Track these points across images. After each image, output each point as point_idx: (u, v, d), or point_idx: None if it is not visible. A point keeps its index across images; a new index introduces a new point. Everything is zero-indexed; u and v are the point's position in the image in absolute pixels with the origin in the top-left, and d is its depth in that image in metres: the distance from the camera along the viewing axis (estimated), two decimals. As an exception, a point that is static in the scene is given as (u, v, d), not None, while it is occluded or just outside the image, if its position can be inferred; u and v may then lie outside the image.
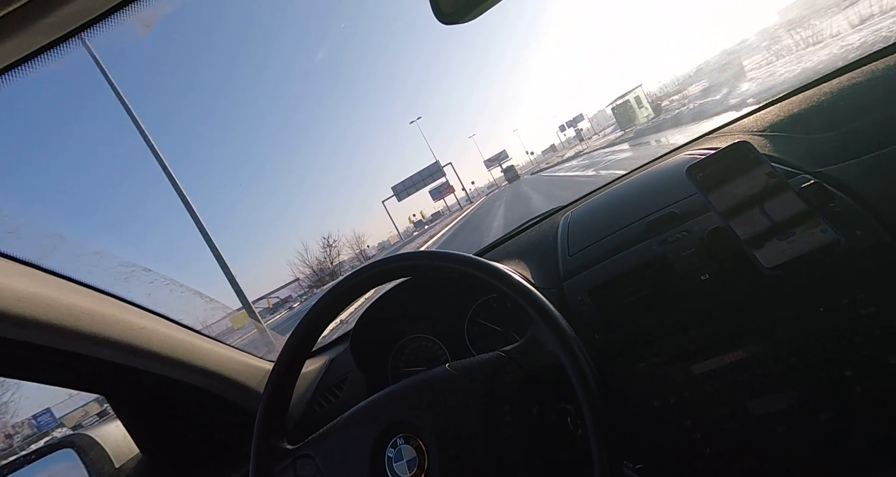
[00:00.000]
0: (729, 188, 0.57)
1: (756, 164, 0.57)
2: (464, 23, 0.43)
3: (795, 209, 0.53)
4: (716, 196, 0.57)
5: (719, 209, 0.57)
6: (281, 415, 0.63)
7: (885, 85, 0.73)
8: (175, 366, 0.70)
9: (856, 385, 0.49)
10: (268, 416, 0.62)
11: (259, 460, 0.60)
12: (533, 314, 0.54)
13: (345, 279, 0.64)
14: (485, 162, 68.15)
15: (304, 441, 0.61)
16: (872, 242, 0.52)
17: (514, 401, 0.53)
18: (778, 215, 0.54)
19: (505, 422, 0.52)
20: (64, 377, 0.65)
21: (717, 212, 0.57)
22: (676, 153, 1.02)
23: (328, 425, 0.61)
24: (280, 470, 0.59)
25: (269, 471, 0.60)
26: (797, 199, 0.53)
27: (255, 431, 0.61)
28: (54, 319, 0.54)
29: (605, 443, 0.46)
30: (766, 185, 0.55)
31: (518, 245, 0.97)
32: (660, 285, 0.63)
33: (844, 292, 0.51)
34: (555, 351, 0.52)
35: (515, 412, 0.52)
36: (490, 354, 0.57)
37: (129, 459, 0.76)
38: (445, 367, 0.59)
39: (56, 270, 0.59)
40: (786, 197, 0.54)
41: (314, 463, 0.58)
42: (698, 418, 0.55)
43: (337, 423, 0.60)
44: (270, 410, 0.62)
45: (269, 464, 0.60)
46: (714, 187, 0.58)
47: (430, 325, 0.93)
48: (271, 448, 0.61)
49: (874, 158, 0.59)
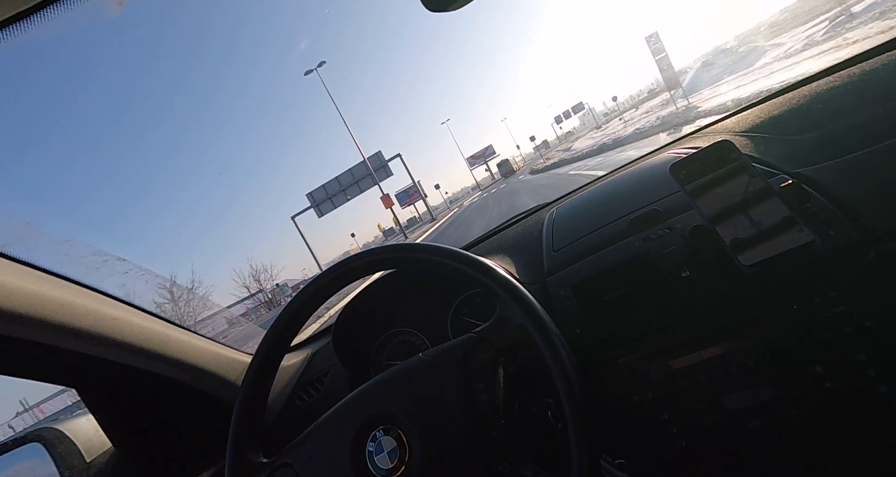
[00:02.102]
0: (710, 186, 0.58)
1: (737, 163, 0.58)
2: (451, 11, 0.42)
3: (774, 209, 0.54)
4: (697, 194, 0.58)
5: (701, 207, 0.58)
6: (256, 424, 0.61)
7: (861, 89, 0.75)
8: (149, 358, 0.68)
9: (826, 381, 0.50)
10: (242, 427, 0.59)
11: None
12: (499, 292, 0.54)
13: (326, 272, 0.63)
14: (467, 159, 57.95)
15: (280, 452, 0.59)
16: (846, 242, 0.53)
17: (489, 379, 0.53)
18: (757, 214, 0.55)
19: (482, 399, 0.52)
20: (31, 369, 0.62)
21: (699, 209, 0.58)
22: (660, 152, 1.04)
23: (304, 432, 0.59)
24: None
25: None
26: (776, 198, 0.55)
27: (228, 447, 0.58)
28: (21, 308, 0.52)
29: (584, 432, 0.46)
30: (746, 184, 0.56)
31: (503, 240, 0.97)
32: (642, 282, 0.63)
33: (818, 291, 0.52)
34: (523, 324, 0.52)
35: (491, 390, 0.53)
36: (461, 337, 0.57)
37: (100, 453, 0.73)
38: (419, 355, 0.59)
39: (23, 258, 0.56)
40: (765, 196, 0.55)
41: (294, 471, 0.56)
42: (676, 413, 0.56)
43: (313, 427, 0.59)
44: (244, 419, 0.60)
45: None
46: (696, 185, 0.59)
47: (413, 319, 0.93)
48: (246, 464, 0.58)
49: (850, 161, 0.60)
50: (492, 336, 0.55)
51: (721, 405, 0.54)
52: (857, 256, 0.53)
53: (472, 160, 57.61)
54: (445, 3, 0.42)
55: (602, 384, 0.61)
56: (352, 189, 29.51)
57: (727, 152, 0.59)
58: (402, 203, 43.21)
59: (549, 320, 0.51)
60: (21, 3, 0.34)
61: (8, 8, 0.33)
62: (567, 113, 59.64)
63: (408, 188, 41.98)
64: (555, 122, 62.42)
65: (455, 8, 0.43)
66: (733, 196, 0.57)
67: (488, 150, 54.80)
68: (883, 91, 0.71)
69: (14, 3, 0.34)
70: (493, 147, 54.90)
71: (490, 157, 54.69)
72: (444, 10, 0.43)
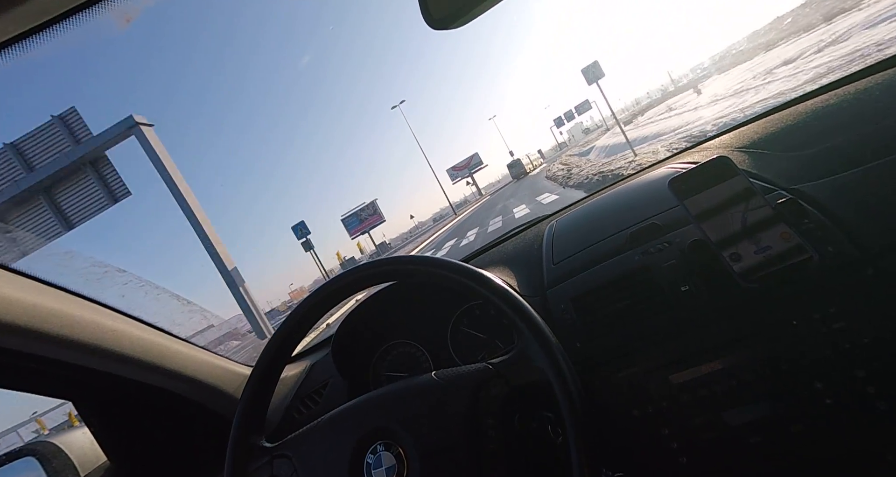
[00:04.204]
0: (709, 201, 0.59)
1: (735, 178, 0.58)
2: (454, 28, 0.43)
3: (771, 224, 0.55)
4: (696, 208, 0.59)
5: (699, 222, 0.58)
6: (260, 414, 0.62)
7: (858, 106, 0.76)
8: (147, 370, 0.67)
9: (826, 398, 0.50)
10: (247, 414, 0.61)
11: (235, 458, 0.59)
12: (524, 329, 0.54)
13: (326, 284, 0.63)
14: (448, 171, 45.88)
15: (282, 441, 0.60)
16: (843, 258, 0.54)
17: (497, 415, 0.53)
18: (755, 229, 0.55)
19: (488, 436, 0.51)
20: (26, 382, 0.62)
21: (697, 224, 0.58)
22: (659, 166, 1.05)
23: (308, 426, 0.60)
24: (256, 468, 0.59)
25: (244, 469, 0.59)
26: (773, 214, 0.55)
27: (232, 428, 0.60)
28: (17, 319, 0.51)
29: (585, 451, 0.46)
30: (744, 200, 0.57)
31: (503, 253, 0.97)
32: (641, 296, 0.64)
33: (817, 307, 0.53)
34: (542, 368, 0.52)
35: (499, 426, 0.52)
36: (477, 365, 0.57)
37: (95, 467, 0.73)
38: (431, 375, 0.58)
39: (21, 269, 0.56)
40: (762, 212, 0.55)
41: (291, 464, 0.57)
42: (676, 428, 0.56)
43: (317, 424, 0.59)
44: (250, 408, 0.61)
45: (245, 462, 0.59)
46: (695, 200, 0.59)
47: (413, 331, 0.93)
48: (249, 446, 0.60)
49: (847, 177, 0.61)
50: (508, 372, 0.55)
51: (721, 421, 0.54)
52: (855, 272, 0.53)
53: (455, 172, 45.70)
54: (448, 22, 0.43)
55: (602, 398, 0.61)
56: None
57: (725, 168, 0.59)
58: (352, 231, 29.15)
59: (570, 368, 0.51)
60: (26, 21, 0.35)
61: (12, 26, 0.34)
62: (570, 114, 52.12)
63: (359, 210, 29.18)
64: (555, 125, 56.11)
65: (456, 26, 0.44)
66: (731, 211, 0.57)
67: (474, 160, 44.85)
68: (879, 109, 0.72)
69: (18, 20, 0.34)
70: (479, 156, 44.99)
71: (476, 168, 44.84)
72: (447, 29, 0.44)
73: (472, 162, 44.70)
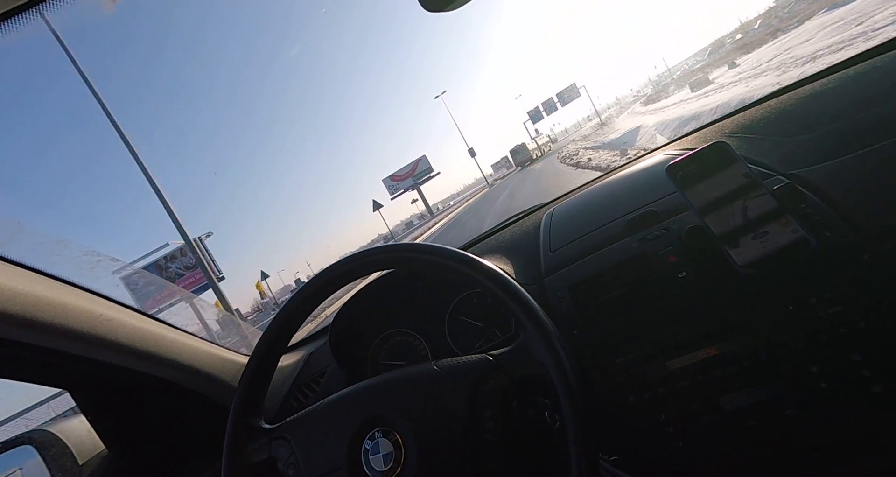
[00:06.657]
0: (706, 187, 0.58)
1: (733, 164, 0.58)
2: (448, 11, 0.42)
3: (769, 209, 0.55)
4: (693, 195, 0.59)
5: (697, 208, 0.58)
6: (259, 396, 0.63)
7: (856, 92, 0.75)
8: (143, 358, 0.67)
9: (821, 381, 0.50)
10: (246, 394, 0.61)
11: (234, 438, 0.59)
12: (527, 324, 0.54)
13: (322, 273, 0.63)
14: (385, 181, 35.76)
15: (281, 423, 0.60)
16: (840, 243, 0.54)
17: (496, 407, 0.53)
18: (752, 215, 0.55)
19: (486, 427, 0.52)
20: (22, 371, 0.62)
21: (695, 210, 0.58)
22: (656, 153, 1.04)
23: (307, 409, 0.60)
24: (255, 449, 0.59)
25: (243, 449, 0.59)
26: (771, 199, 0.55)
27: (232, 408, 0.60)
28: (12, 309, 0.51)
29: (583, 438, 0.46)
30: (741, 186, 0.57)
31: (501, 241, 0.97)
32: (638, 282, 0.64)
33: (813, 291, 0.53)
34: (544, 362, 0.52)
35: (497, 418, 0.52)
36: (477, 356, 0.57)
37: (93, 455, 0.73)
38: (431, 364, 0.58)
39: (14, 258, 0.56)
40: (760, 197, 0.55)
41: (289, 446, 0.57)
42: (673, 413, 0.56)
43: (317, 408, 0.59)
44: (249, 389, 0.62)
45: (244, 442, 0.59)
46: (692, 186, 0.59)
47: (410, 319, 0.93)
48: (248, 426, 0.60)
49: (844, 162, 0.61)
50: (509, 365, 0.55)
51: (718, 406, 0.54)
52: (852, 256, 0.53)
53: (395, 183, 35.28)
54: (443, 4, 0.42)
55: (599, 384, 0.61)
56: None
57: (723, 153, 0.59)
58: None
59: (571, 361, 0.51)
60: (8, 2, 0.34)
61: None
62: (550, 104, 40.09)
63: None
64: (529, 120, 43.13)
65: (453, 8, 0.43)
66: (729, 197, 0.57)
67: (420, 165, 33.72)
68: (876, 94, 0.72)
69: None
70: (427, 159, 34.91)
71: (424, 176, 33.57)
72: (442, 10, 0.43)
73: (417, 169, 33.52)
